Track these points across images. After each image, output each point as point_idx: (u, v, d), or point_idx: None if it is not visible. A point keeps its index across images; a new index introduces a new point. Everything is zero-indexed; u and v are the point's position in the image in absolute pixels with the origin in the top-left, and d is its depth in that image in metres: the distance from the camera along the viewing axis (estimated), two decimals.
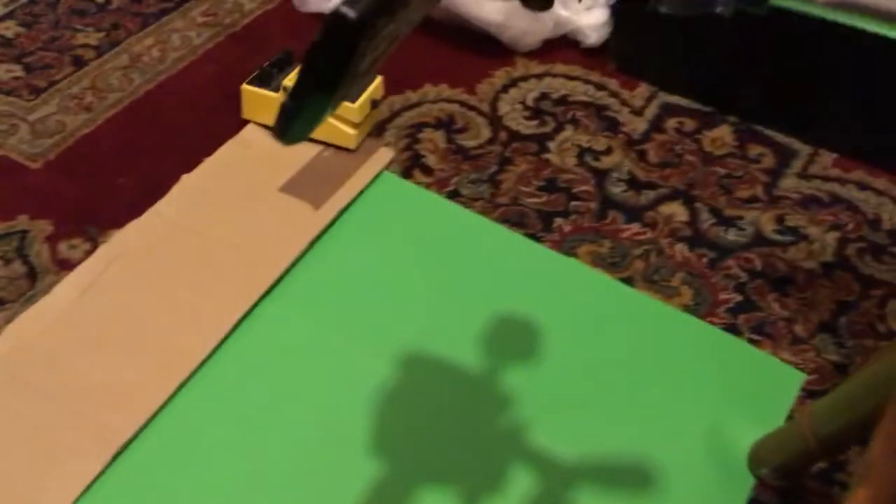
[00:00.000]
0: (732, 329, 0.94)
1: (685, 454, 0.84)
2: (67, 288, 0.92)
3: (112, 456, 0.80)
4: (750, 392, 0.89)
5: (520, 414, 0.86)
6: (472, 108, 1.16)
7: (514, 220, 1.03)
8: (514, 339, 0.92)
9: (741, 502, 0.81)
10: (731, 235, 1.02)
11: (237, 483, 0.80)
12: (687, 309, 0.95)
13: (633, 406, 0.87)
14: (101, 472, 0.80)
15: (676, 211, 1.04)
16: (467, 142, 1.12)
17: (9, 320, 0.89)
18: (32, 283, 0.93)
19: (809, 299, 0.97)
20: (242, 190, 1.04)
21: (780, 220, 1.04)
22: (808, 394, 0.89)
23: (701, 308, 0.95)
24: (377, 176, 1.06)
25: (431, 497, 0.80)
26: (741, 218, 1.04)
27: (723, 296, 0.96)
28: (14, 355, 0.86)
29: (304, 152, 1.07)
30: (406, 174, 1.07)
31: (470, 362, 0.90)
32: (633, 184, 1.07)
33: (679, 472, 0.83)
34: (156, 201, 1.01)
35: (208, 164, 1.06)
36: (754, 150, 1.12)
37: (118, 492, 0.79)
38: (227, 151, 1.08)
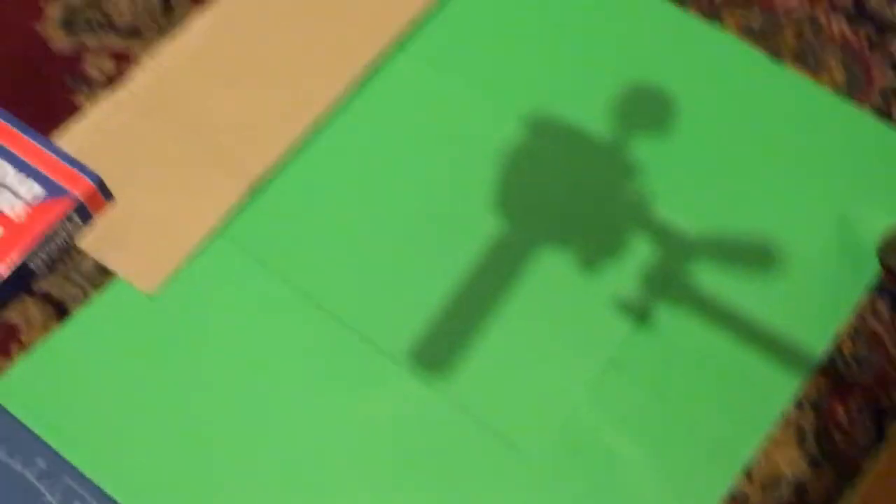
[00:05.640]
0: (883, 114, 0.88)
1: (812, 237, 0.83)
2: (201, 22, 0.92)
3: (247, 190, 0.84)
4: (891, 180, 0.85)
5: (645, 184, 0.85)
6: None
7: None
8: (647, 108, 0.89)
9: (862, 288, 0.81)
10: None
11: (361, 229, 0.83)
12: (837, 90, 0.89)
13: (764, 185, 0.85)
14: (237, 207, 0.84)
15: None
16: None
17: (145, 49, 0.90)
18: (168, 15, 0.93)
19: None
20: None
21: None
22: None
23: (853, 90, 0.89)
24: None
25: (548, 257, 0.82)
26: None
27: (879, 79, 0.90)
28: (155, 87, 0.89)
29: None
30: None
31: (600, 129, 0.88)
32: None
33: (803, 254, 0.82)
34: None
35: None
36: None
37: (252, 226, 0.83)
38: None
